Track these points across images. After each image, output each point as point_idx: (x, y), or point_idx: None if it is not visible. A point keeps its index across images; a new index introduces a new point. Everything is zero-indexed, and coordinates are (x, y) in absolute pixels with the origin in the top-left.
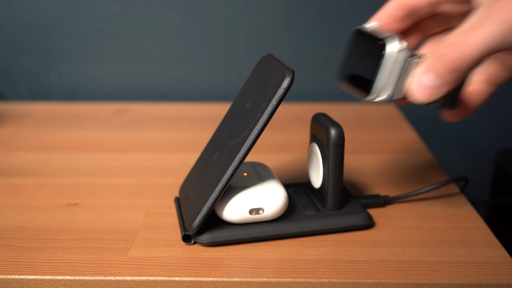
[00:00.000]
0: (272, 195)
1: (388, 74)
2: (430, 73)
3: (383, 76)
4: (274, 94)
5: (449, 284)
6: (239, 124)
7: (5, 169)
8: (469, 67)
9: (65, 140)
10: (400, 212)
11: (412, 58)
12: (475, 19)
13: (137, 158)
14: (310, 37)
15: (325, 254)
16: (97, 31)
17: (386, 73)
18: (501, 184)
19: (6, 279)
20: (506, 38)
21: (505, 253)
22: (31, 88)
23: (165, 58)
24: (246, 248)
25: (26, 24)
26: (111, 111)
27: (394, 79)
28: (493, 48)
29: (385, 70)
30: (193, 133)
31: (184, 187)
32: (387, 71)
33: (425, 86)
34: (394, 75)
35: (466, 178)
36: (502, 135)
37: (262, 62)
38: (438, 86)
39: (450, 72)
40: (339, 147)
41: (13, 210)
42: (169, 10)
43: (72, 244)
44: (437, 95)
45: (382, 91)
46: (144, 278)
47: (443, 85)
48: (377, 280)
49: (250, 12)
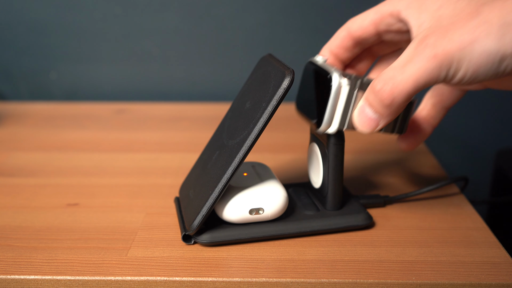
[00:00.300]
0: (272, 195)
1: (334, 108)
2: (367, 107)
3: (330, 110)
4: (274, 94)
5: (449, 284)
6: (239, 124)
7: (5, 169)
8: (404, 102)
9: (65, 140)
10: (400, 212)
11: (356, 91)
12: (407, 55)
13: (137, 158)
14: (310, 37)
15: (325, 254)
16: (97, 31)
17: (332, 107)
18: (501, 184)
19: (6, 279)
20: (440, 73)
21: (505, 253)
22: (31, 88)
23: (165, 58)
24: (246, 248)
25: (26, 24)
26: (111, 111)
27: (340, 112)
28: (426, 83)
29: (332, 105)
30: (193, 133)
31: (184, 187)
32: (333, 106)
33: (366, 119)
34: (340, 108)
35: (466, 178)
36: (502, 135)
37: (262, 62)
38: (377, 119)
39: (385, 107)
40: (339, 147)
41: (13, 210)
42: (169, 10)
43: (72, 244)
44: (379, 126)
45: (331, 124)
46: (144, 278)
47: (381, 118)
48: (377, 280)
49: (250, 12)
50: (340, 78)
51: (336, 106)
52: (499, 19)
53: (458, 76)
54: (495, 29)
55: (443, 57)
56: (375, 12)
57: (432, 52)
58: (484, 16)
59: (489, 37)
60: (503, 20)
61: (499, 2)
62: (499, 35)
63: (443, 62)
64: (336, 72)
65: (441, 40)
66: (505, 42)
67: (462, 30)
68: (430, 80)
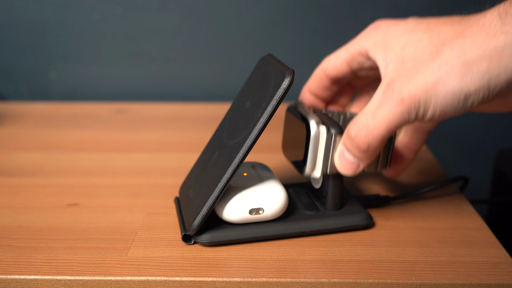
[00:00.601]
0: (272, 195)
1: (315, 154)
2: (346, 152)
3: (311, 156)
4: (274, 94)
5: (449, 284)
6: (239, 124)
7: (5, 169)
8: (379, 145)
9: (65, 140)
10: (400, 212)
11: (334, 135)
12: (376, 100)
13: (137, 158)
14: (310, 37)
15: (325, 254)
16: (97, 31)
17: (313, 153)
18: (501, 184)
19: (6, 279)
20: (410, 115)
21: (505, 253)
22: (31, 88)
23: (165, 58)
24: (246, 248)
25: (26, 24)
26: (111, 111)
27: (321, 157)
28: (397, 126)
29: (312, 151)
30: (193, 133)
31: (184, 187)
32: (314, 152)
33: (347, 162)
34: (321, 154)
35: (465, 178)
36: (502, 135)
37: (262, 62)
38: (357, 162)
39: (362, 152)
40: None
41: (13, 210)
42: (169, 10)
43: (72, 244)
44: (360, 168)
45: (314, 169)
46: (144, 278)
47: (360, 161)
48: (377, 280)
49: (250, 12)
50: (317, 126)
51: (316, 152)
52: (459, 59)
53: (428, 115)
54: (456, 69)
55: (410, 100)
56: (345, 52)
57: (399, 97)
58: (445, 57)
59: (451, 77)
60: (463, 60)
61: (458, 40)
62: (460, 74)
63: (411, 106)
64: (313, 120)
65: (406, 84)
66: (467, 81)
67: (426, 73)
68: (401, 122)
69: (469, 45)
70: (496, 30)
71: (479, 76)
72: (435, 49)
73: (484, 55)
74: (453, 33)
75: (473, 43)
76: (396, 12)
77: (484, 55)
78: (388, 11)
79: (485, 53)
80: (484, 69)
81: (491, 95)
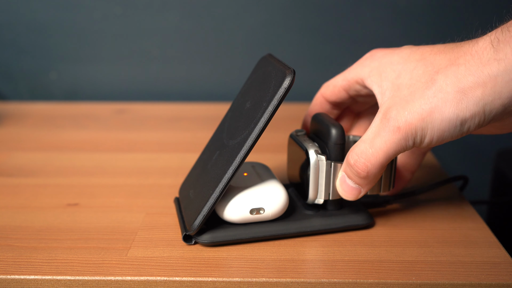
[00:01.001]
0: (273, 195)
1: (317, 181)
2: (346, 178)
3: (313, 184)
4: (275, 93)
5: (449, 284)
6: (240, 124)
7: (5, 169)
8: (379, 172)
9: (65, 140)
10: (400, 212)
11: (334, 163)
12: (374, 128)
13: (137, 158)
14: (310, 37)
15: (325, 254)
16: (97, 31)
17: (315, 181)
18: (501, 184)
19: (6, 279)
20: (407, 142)
21: (505, 253)
22: (31, 88)
23: (165, 58)
24: (246, 248)
25: (26, 24)
26: (111, 111)
27: (323, 184)
28: (395, 153)
29: (314, 179)
30: (193, 133)
31: (184, 187)
32: (315, 179)
33: (348, 188)
34: (322, 181)
35: (465, 177)
36: (502, 135)
37: (262, 62)
38: (358, 188)
39: (361, 178)
40: (339, 146)
41: (13, 210)
42: (169, 10)
43: (72, 244)
44: (362, 193)
45: (317, 196)
46: (144, 278)
47: (361, 187)
48: (377, 280)
49: (250, 12)
50: (316, 155)
51: (317, 180)
52: (454, 86)
53: (425, 141)
54: (451, 96)
55: (407, 128)
56: (342, 79)
57: (396, 125)
58: (440, 84)
59: (446, 104)
60: (458, 87)
61: (452, 68)
62: (456, 101)
63: (408, 133)
64: (312, 149)
65: (402, 112)
66: (463, 108)
67: (421, 101)
68: (399, 149)
69: (463, 72)
70: (489, 57)
71: (474, 102)
72: (429, 77)
73: (479, 81)
74: (447, 61)
75: (467, 70)
76: (396, 12)
77: (478, 81)
78: (388, 11)
79: (479, 79)
80: (479, 95)
81: (487, 120)
